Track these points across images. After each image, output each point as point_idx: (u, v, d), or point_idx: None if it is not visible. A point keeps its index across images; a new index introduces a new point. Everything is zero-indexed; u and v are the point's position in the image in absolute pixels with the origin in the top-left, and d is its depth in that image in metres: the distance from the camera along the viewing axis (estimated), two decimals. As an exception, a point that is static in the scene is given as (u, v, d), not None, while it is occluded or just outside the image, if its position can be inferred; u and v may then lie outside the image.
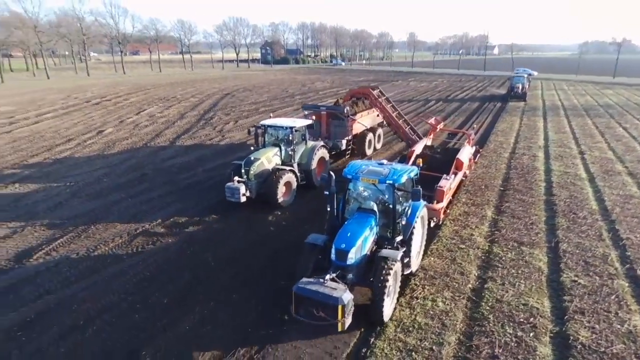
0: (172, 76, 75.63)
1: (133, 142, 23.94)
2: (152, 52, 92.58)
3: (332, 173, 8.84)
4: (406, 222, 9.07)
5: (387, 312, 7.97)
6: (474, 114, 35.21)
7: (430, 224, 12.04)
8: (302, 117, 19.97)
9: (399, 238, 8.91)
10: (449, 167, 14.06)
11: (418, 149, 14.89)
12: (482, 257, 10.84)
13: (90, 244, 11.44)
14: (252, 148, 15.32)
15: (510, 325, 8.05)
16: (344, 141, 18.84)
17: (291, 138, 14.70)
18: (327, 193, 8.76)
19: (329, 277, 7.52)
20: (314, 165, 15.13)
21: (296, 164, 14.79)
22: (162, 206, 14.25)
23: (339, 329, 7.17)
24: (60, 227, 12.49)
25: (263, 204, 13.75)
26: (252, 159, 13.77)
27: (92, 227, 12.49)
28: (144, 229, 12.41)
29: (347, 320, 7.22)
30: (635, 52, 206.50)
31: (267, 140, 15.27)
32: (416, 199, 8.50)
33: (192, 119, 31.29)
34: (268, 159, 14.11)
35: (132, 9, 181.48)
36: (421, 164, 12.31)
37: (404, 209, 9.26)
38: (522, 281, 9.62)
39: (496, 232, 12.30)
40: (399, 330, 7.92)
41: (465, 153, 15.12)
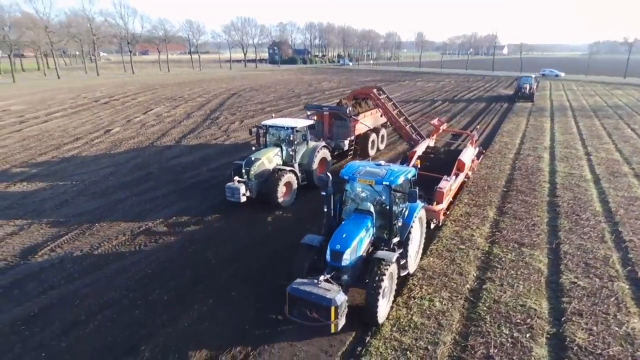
0: (180, 76, 76.26)
1: (139, 141, 24.23)
2: (160, 52, 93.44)
3: (329, 174, 8.90)
4: (403, 224, 9.08)
5: (381, 313, 7.94)
6: (480, 114, 35.02)
7: (430, 226, 12.05)
8: (305, 117, 20.07)
9: (395, 239, 8.92)
10: (451, 168, 14.03)
11: (420, 150, 14.87)
12: (482, 258, 10.83)
13: (94, 241, 11.64)
14: (254, 148, 15.42)
15: (506, 326, 8.06)
16: (347, 142, 18.85)
17: (292, 138, 14.76)
18: (324, 194, 8.80)
19: (323, 278, 7.55)
20: (315, 166, 15.17)
21: (297, 164, 14.84)
22: (166, 205, 14.43)
23: (332, 330, 7.19)
24: (66, 224, 12.72)
25: (264, 204, 13.85)
26: (253, 159, 13.85)
27: (97, 224, 12.71)
28: (147, 227, 12.60)
29: (341, 321, 7.22)
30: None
31: (268, 140, 15.36)
32: (412, 200, 8.49)
33: (198, 119, 31.56)
34: (269, 159, 14.19)
35: (141, 9, 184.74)
36: (419, 165, 12.32)
37: (401, 211, 9.26)
38: (520, 282, 9.60)
39: (497, 233, 12.26)
40: (394, 329, 7.97)
41: (468, 154, 15.07)
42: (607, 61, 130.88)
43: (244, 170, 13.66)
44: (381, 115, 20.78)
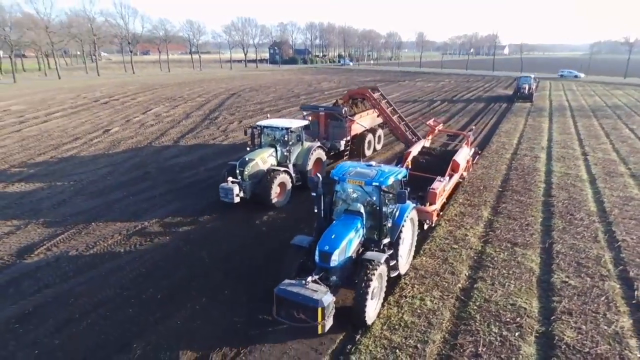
0: (180, 76, 76.39)
1: (138, 141, 24.33)
2: (161, 52, 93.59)
3: (319, 174, 8.95)
4: (393, 225, 9.07)
5: (370, 314, 7.92)
6: (478, 114, 35.04)
7: (424, 227, 12.09)
8: (302, 117, 20.12)
9: (386, 240, 8.92)
10: (445, 168, 14.07)
11: (415, 150, 14.91)
12: (475, 258, 10.89)
13: (90, 240, 11.73)
14: (248, 148, 15.43)
15: (496, 325, 8.12)
16: (343, 142, 18.88)
17: (287, 139, 14.77)
18: (315, 194, 8.81)
19: (310, 279, 7.53)
20: (310, 166, 15.17)
21: (291, 165, 14.85)
22: (162, 204, 14.52)
23: (319, 331, 7.17)
24: (62, 223, 12.81)
25: (259, 204, 13.87)
26: (247, 159, 13.88)
27: (93, 224, 12.80)
28: (142, 226, 12.69)
29: (328, 322, 7.22)
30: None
31: (263, 140, 15.38)
32: (402, 201, 8.44)
33: (197, 119, 31.66)
34: (263, 159, 14.21)
35: (141, 9, 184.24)
36: (409, 166, 12.36)
37: (392, 211, 9.25)
38: (512, 281, 9.66)
39: (491, 232, 12.32)
40: (385, 328, 8.04)
41: (462, 155, 15.10)
42: (607, 61, 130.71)
43: (237, 171, 13.68)
44: (378, 116, 20.83)
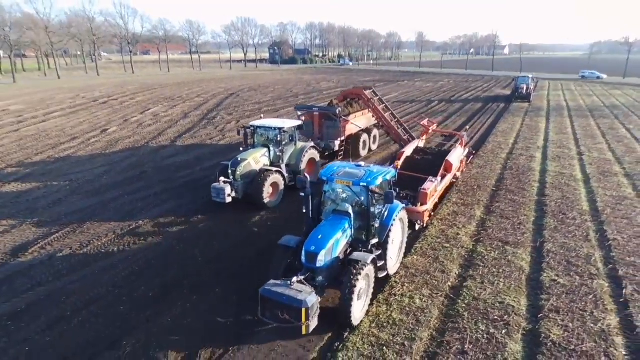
0: (180, 76, 76.51)
1: (135, 140, 24.43)
2: (161, 52, 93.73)
3: (307, 175, 8.99)
4: (382, 225, 9.07)
5: (356, 315, 7.91)
6: (475, 114, 35.08)
7: (415, 227, 12.14)
8: (297, 117, 20.17)
9: (374, 241, 8.92)
10: (439, 169, 14.10)
11: (408, 150, 14.96)
12: (466, 256, 10.95)
13: (84, 239, 11.82)
14: (241, 149, 15.42)
15: (483, 323, 8.18)
16: (337, 142, 18.85)
17: (280, 139, 14.78)
18: (303, 195, 8.83)
19: (296, 279, 7.50)
20: (303, 166, 15.14)
21: (284, 165, 14.85)
22: (157, 203, 14.60)
23: (303, 332, 7.16)
24: (57, 222, 12.90)
25: (251, 205, 13.89)
26: (239, 159, 13.89)
27: (88, 223, 12.88)
28: (137, 225, 12.77)
29: (312, 323, 7.19)
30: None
31: (256, 140, 15.38)
32: (389, 201, 8.45)
33: (195, 119, 31.75)
34: (255, 159, 14.21)
35: (141, 9, 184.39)
36: (399, 167, 12.39)
37: (380, 212, 9.24)
38: (501, 280, 9.72)
39: (483, 231, 12.38)
40: (373, 325, 8.10)
41: (456, 155, 15.13)
42: (607, 61, 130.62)
43: (230, 171, 13.67)
44: (373, 116, 20.87)
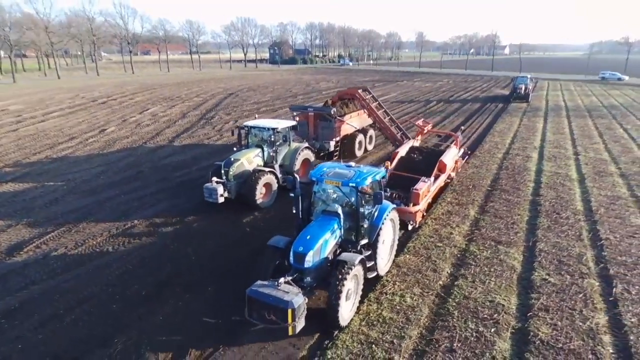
0: (179, 76, 76.60)
1: (133, 140, 24.50)
2: (161, 52, 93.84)
3: (296, 175, 9.03)
4: (372, 225, 9.07)
5: (344, 316, 7.90)
6: (473, 114, 35.12)
7: (408, 227, 12.18)
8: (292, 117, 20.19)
9: (364, 241, 8.92)
10: (433, 169, 14.12)
11: (403, 150, 15.00)
12: (458, 255, 11.01)
13: (79, 238, 11.89)
14: (235, 149, 15.41)
15: (473, 321, 8.24)
16: (332, 142, 18.87)
17: (273, 139, 14.79)
18: (293, 195, 8.85)
19: (283, 280, 7.48)
20: (297, 167, 15.16)
21: (278, 165, 14.84)
22: (153, 203, 14.67)
23: (289, 332, 7.15)
24: (53, 222, 12.97)
25: (244, 205, 13.89)
26: (232, 159, 13.89)
27: (83, 222, 12.95)
28: (132, 224, 12.83)
29: (299, 324, 7.18)
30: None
31: (250, 141, 15.37)
32: (378, 202, 8.43)
33: (193, 119, 31.82)
34: (249, 160, 14.21)
35: (141, 9, 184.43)
36: (389, 167, 12.41)
37: (370, 212, 9.25)
38: (492, 279, 9.78)
39: (476, 231, 12.44)
40: (363, 323, 8.16)
41: (450, 155, 15.15)
42: (607, 61, 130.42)
43: (223, 171, 13.67)
44: (369, 116, 20.89)
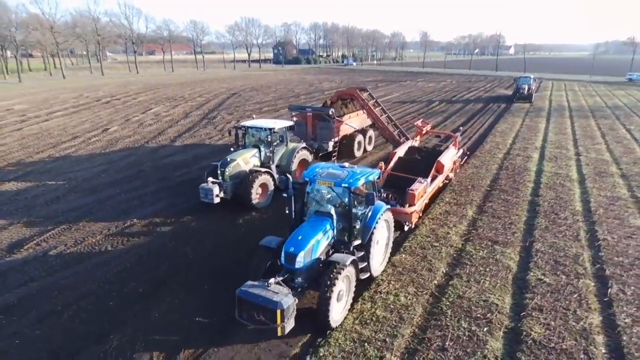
0: (183, 76, 76.95)
1: (135, 140, 24.68)
2: (165, 53, 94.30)
3: (289, 175, 9.07)
4: (365, 226, 9.05)
5: (335, 317, 7.90)
6: (475, 115, 35.05)
7: (404, 228, 12.20)
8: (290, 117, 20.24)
9: (356, 242, 8.90)
10: (431, 170, 14.11)
11: (401, 151, 15.01)
12: (454, 255, 11.03)
13: (78, 236, 12.03)
14: (232, 149, 15.42)
15: (466, 320, 8.27)
16: (331, 143, 18.84)
17: (270, 139, 14.82)
18: (285, 195, 8.88)
19: (273, 280, 7.46)
20: (294, 167, 15.16)
21: (274, 166, 14.84)
22: (153, 202, 14.79)
23: (278, 333, 7.15)
24: (54, 220, 13.11)
25: (241, 205, 13.90)
26: (228, 160, 13.91)
27: (83, 220, 13.10)
28: (131, 223, 12.95)
29: (288, 324, 7.17)
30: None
31: (247, 141, 15.39)
32: (370, 202, 8.42)
33: (195, 118, 31.99)
34: (245, 160, 14.22)
35: (145, 9, 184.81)
36: (382, 168, 12.44)
37: (364, 213, 9.24)
38: (487, 279, 9.80)
39: (473, 231, 12.45)
40: (357, 322, 8.21)
41: (448, 156, 15.13)
42: (613, 61, 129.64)
43: (219, 171, 13.70)
44: (368, 116, 20.87)
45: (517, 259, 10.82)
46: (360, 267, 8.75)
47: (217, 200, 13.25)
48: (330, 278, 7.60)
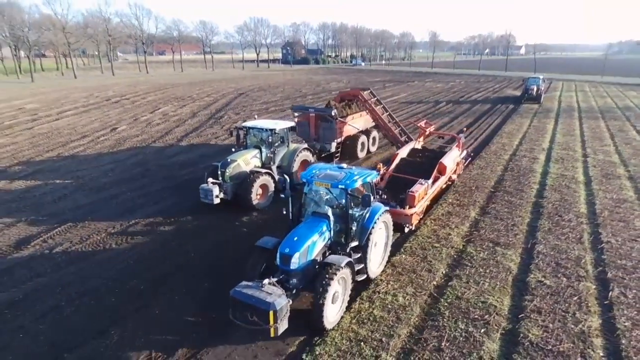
0: (192, 76, 77.56)
1: (143, 139, 25.00)
2: (175, 53, 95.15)
3: (286, 176, 9.13)
4: (362, 228, 9.03)
5: (330, 319, 7.87)
6: (482, 115, 34.79)
7: (405, 229, 12.19)
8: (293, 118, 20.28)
9: (353, 244, 8.90)
10: (433, 171, 14.05)
11: (404, 152, 14.97)
12: (454, 256, 11.01)
13: (84, 233, 12.26)
14: (233, 150, 15.45)
15: (463, 321, 8.27)
16: (333, 144, 18.81)
17: (271, 140, 14.86)
18: (283, 196, 8.92)
19: (267, 281, 7.44)
20: (295, 168, 15.16)
21: (275, 167, 14.85)
22: (158, 200, 15.00)
23: (271, 334, 7.13)
24: (61, 217, 13.38)
25: (242, 206, 13.96)
26: (229, 160, 13.95)
27: (90, 218, 13.34)
28: (136, 221, 13.16)
29: (281, 325, 7.16)
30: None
31: (249, 141, 15.42)
32: (366, 204, 8.37)
33: (202, 118, 32.27)
34: (246, 160, 14.24)
35: (155, 10, 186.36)
36: (381, 169, 12.42)
37: (361, 214, 9.23)
38: (487, 280, 9.77)
39: (475, 232, 12.41)
40: (354, 321, 8.27)
41: (451, 157, 15.04)
42: (627, 62, 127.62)
43: (219, 172, 13.76)
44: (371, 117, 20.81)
45: (518, 261, 10.77)
46: (357, 268, 8.74)
47: (217, 201, 13.27)
48: (325, 279, 7.57)
